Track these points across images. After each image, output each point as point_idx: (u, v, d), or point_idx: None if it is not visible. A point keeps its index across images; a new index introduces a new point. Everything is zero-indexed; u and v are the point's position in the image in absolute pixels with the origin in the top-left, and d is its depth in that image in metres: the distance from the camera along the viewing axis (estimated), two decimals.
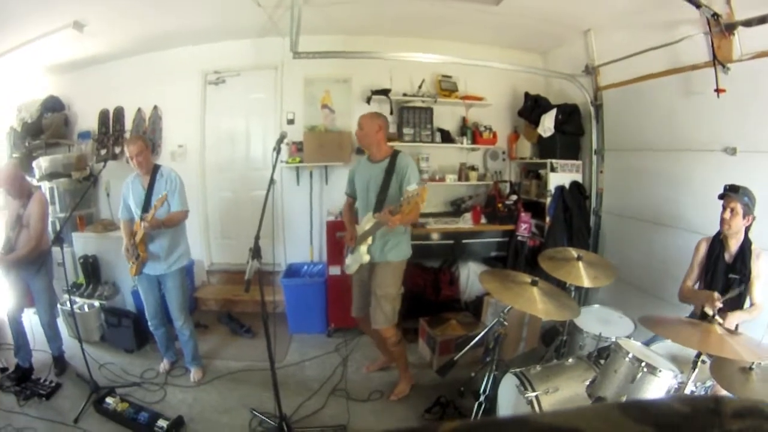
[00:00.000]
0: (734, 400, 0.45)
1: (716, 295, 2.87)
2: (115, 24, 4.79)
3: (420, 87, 5.73)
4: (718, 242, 3.21)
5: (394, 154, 3.67)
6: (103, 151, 5.98)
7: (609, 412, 0.46)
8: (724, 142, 3.74)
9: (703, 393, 2.62)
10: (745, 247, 3.08)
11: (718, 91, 3.61)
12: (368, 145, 3.75)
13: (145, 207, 3.79)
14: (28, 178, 4.51)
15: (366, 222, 3.65)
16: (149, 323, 4.16)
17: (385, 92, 5.59)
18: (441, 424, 0.44)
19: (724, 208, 3.07)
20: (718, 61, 3.59)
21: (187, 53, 5.77)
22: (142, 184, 3.88)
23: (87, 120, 6.14)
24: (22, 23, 4.38)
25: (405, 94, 5.69)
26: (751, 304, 3.05)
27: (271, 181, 3.11)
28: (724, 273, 3.13)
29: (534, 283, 3.03)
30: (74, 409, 3.61)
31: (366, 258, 3.61)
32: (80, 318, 4.53)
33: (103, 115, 6.08)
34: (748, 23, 3.44)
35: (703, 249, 3.31)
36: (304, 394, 3.95)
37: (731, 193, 3.03)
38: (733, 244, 3.12)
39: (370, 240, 3.57)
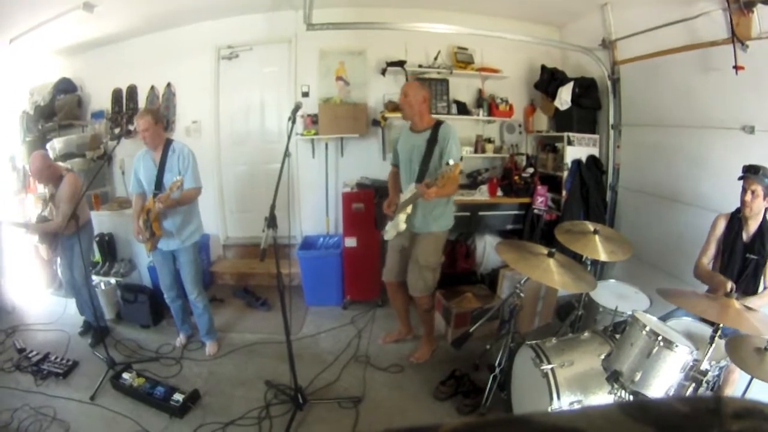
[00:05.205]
0: (735, 400, 0.45)
1: (730, 285, 2.79)
2: (126, 3, 4.74)
3: (436, 59, 5.64)
4: (736, 220, 3.13)
5: (437, 124, 3.66)
6: (117, 130, 6.01)
7: (610, 412, 0.47)
8: (742, 120, 3.65)
9: (717, 372, 2.64)
10: (764, 228, 3.00)
11: (736, 68, 3.51)
12: (411, 114, 3.70)
13: (157, 184, 3.79)
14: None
15: (408, 191, 3.64)
16: (165, 296, 4.21)
17: (400, 64, 5.51)
18: (442, 424, 0.44)
19: (745, 191, 2.98)
20: (737, 38, 3.49)
21: (199, 29, 5.73)
22: (153, 159, 3.84)
23: (100, 100, 6.17)
24: (32, 7, 4.36)
25: (420, 66, 5.60)
26: (765, 288, 3.00)
27: (286, 152, 3.10)
28: (741, 253, 3.07)
29: (550, 255, 3.02)
30: (91, 386, 3.66)
31: (403, 226, 3.62)
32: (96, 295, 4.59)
33: (116, 95, 6.10)
34: (767, 1, 3.33)
35: (721, 226, 3.22)
36: (319, 366, 3.98)
37: (751, 174, 2.94)
38: (753, 224, 3.04)
39: (409, 209, 3.57)
